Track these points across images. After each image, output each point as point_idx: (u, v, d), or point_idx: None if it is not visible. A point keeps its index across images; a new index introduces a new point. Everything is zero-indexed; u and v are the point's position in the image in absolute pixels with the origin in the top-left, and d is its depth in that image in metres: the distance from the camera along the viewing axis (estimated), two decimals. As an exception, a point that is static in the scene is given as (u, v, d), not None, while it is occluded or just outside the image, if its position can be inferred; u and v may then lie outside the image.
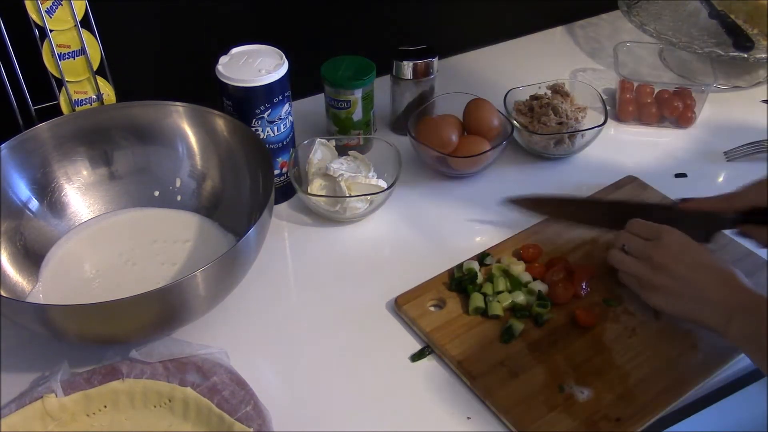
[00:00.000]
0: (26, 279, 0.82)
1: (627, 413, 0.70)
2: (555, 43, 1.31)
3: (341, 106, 0.99)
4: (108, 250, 0.86)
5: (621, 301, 0.81)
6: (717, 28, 1.17)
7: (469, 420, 0.72)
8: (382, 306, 0.83)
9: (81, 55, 0.89)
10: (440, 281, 0.83)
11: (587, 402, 0.71)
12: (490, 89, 1.06)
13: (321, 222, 0.94)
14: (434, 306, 0.82)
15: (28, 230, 0.84)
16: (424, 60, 1.01)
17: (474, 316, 0.80)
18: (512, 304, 0.80)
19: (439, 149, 0.96)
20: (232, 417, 0.69)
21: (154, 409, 0.71)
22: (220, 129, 0.88)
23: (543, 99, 1.05)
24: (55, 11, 0.85)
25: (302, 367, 0.77)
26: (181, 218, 0.90)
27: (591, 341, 0.77)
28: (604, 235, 0.89)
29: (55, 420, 0.70)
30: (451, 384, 0.75)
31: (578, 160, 1.04)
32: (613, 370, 0.74)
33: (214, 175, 0.91)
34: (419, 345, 0.78)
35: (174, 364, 0.73)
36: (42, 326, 0.72)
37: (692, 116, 1.09)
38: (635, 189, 0.96)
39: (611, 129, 1.09)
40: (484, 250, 0.87)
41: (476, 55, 1.27)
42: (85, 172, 0.89)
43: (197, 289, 0.71)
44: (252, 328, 0.81)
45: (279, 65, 0.87)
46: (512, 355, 0.76)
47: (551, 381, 0.73)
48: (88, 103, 0.93)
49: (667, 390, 0.73)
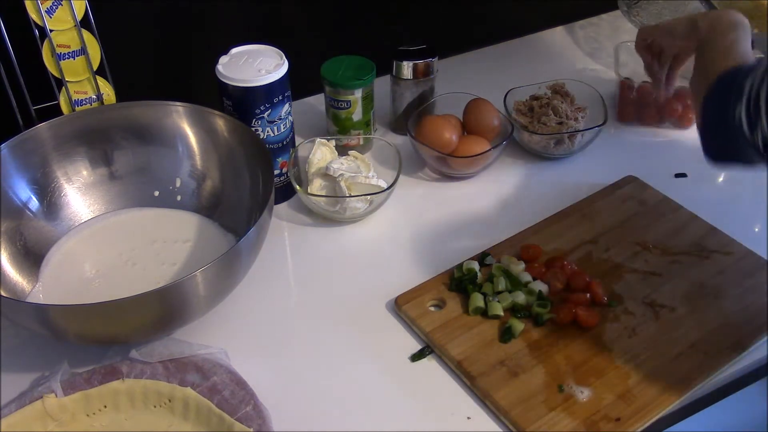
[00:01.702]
0: (26, 279, 0.82)
1: (627, 413, 0.70)
2: (555, 43, 1.31)
3: (341, 106, 0.99)
4: (108, 250, 0.86)
5: (621, 301, 0.81)
6: (717, 28, 1.17)
7: (469, 420, 0.72)
8: (382, 306, 0.83)
9: (81, 55, 0.89)
10: (440, 281, 0.83)
11: (587, 402, 0.72)
12: (490, 89, 1.06)
13: (321, 222, 0.94)
14: (434, 306, 0.82)
15: (28, 230, 0.84)
16: (424, 60, 1.01)
17: (474, 316, 0.80)
18: (512, 304, 0.80)
19: (439, 149, 0.96)
20: (232, 417, 0.69)
21: (154, 409, 0.71)
22: (220, 129, 0.88)
23: (543, 99, 1.05)
24: (55, 11, 0.85)
25: (302, 367, 0.77)
26: (181, 218, 0.90)
27: (591, 341, 0.77)
28: (604, 235, 0.89)
29: (55, 420, 0.70)
30: (451, 384, 0.75)
31: (578, 160, 1.04)
32: (612, 370, 0.74)
33: (214, 175, 0.91)
34: (419, 345, 0.78)
35: (174, 364, 0.73)
36: (42, 326, 0.72)
37: (692, 117, 1.09)
38: (635, 189, 0.96)
39: (611, 129, 1.09)
40: (484, 250, 0.87)
41: (476, 55, 1.27)
42: (85, 172, 0.89)
43: (197, 289, 0.71)
44: (252, 328, 0.81)
45: (279, 65, 0.87)
46: (512, 355, 0.76)
47: (551, 381, 0.73)
48: (88, 103, 0.93)
49: (666, 390, 0.73)
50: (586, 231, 0.90)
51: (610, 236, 0.89)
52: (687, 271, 0.85)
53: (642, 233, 0.89)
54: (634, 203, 0.94)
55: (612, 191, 0.96)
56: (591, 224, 0.91)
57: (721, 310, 0.80)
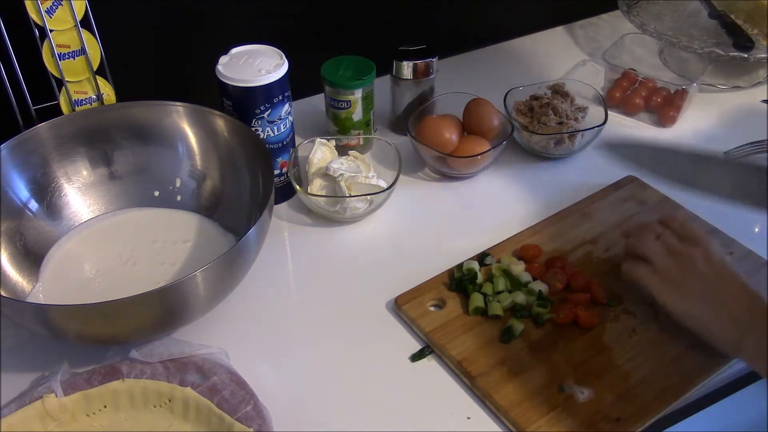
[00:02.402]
0: (26, 279, 0.82)
1: (627, 413, 0.70)
2: (555, 43, 1.31)
3: (341, 106, 0.99)
4: (108, 250, 0.86)
5: (621, 301, 0.81)
6: (717, 28, 1.17)
7: (469, 420, 0.72)
8: (383, 306, 0.83)
9: (81, 55, 0.89)
10: (440, 281, 0.83)
11: (587, 402, 0.71)
12: (490, 89, 1.06)
13: (321, 222, 0.94)
14: (434, 306, 0.82)
15: (28, 230, 0.84)
16: (424, 60, 1.01)
17: (474, 316, 0.80)
18: (512, 304, 0.80)
19: (439, 149, 0.96)
20: (232, 417, 0.69)
21: (154, 409, 0.71)
22: (220, 129, 0.88)
23: (543, 99, 1.05)
24: (55, 11, 0.85)
25: (302, 367, 0.77)
26: (181, 218, 0.90)
27: (591, 341, 0.77)
28: (604, 235, 0.89)
29: (55, 420, 0.70)
30: (451, 384, 0.75)
31: (578, 160, 1.04)
32: (613, 370, 0.74)
33: (214, 175, 0.91)
34: (419, 345, 0.78)
35: (174, 364, 0.73)
36: (42, 326, 0.72)
37: (674, 115, 1.09)
38: (635, 189, 0.96)
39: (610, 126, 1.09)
40: (484, 250, 0.87)
41: (476, 55, 1.27)
42: (85, 172, 0.89)
43: (197, 289, 0.71)
44: (252, 328, 0.81)
45: (279, 65, 0.87)
46: (512, 355, 0.76)
47: (551, 381, 0.73)
48: (88, 103, 0.93)
49: (667, 390, 0.73)
50: (587, 231, 0.90)
51: (610, 236, 0.89)
52: (687, 272, 0.85)
53: (642, 233, 0.90)
54: (634, 203, 0.94)
55: (612, 191, 0.96)
56: (591, 224, 0.91)
57: (721, 310, 0.80)
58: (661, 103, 1.11)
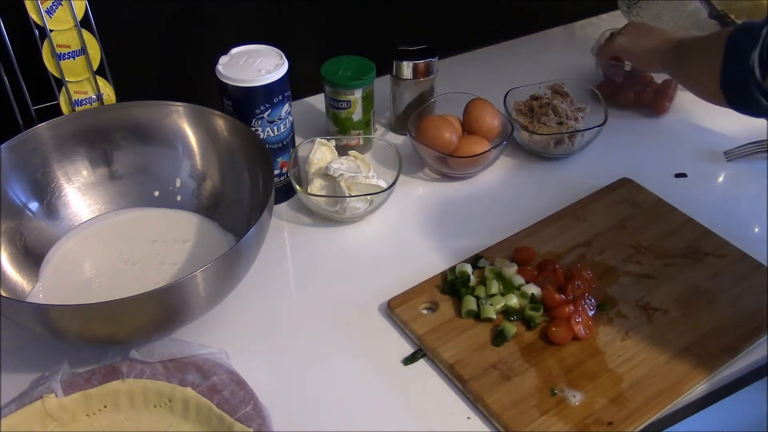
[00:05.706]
0: (26, 279, 0.82)
1: (619, 417, 0.70)
2: (555, 43, 1.31)
3: (341, 106, 0.99)
4: (108, 250, 0.86)
5: (614, 304, 0.81)
6: (717, 28, 1.17)
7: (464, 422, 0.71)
8: (383, 306, 0.83)
9: (81, 55, 0.89)
10: (433, 284, 0.83)
11: (579, 406, 0.71)
12: (490, 89, 1.06)
13: (321, 222, 0.94)
14: (427, 309, 0.81)
15: (28, 230, 0.84)
16: (424, 60, 1.01)
17: (466, 319, 0.79)
18: (505, 307, 0.80)
19: (439, 149, 0.96)
20: (232, 417, 0.69)
21: (154, 409, 0.71)
22: (220, 129, 0.88)
23: (543, 99, 1.05)
24: (55, 11, 0.85)
25: (302, 367, 0.77)
26: (181, 218, 0.90)
27: (583, 345, 0.77)
28: (597, 237, 0.89)
29: (55, 420, 0.70)
30: (444, 387, 0.75)
31: (578, 160, 1.04)
32: (605, 373, 0.74)
33: (214, 175, 0.91)
34: (412, 348, 0.78)
35: (174, 364, 0.73)
36: (42, 326, 0.72)
37: (667, 105, 1.10)
38: (629, 191, 0.95)
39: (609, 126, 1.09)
40: (477, 253, 0.87)
41: (476, 55, 1.27)
42: (85, 172, 0.89)
43: (197, 289, 0.71)
44: (252, 328, 0.81)
45: (279, 65, 0.87)
46: (504, 358, 0.75)
47: (543, 384, 0.73)
48: (88, 103, 0.93)
49: (659, 394, 0.72)
50: (580, 233, 0.90)
51: (603, 239, 0.89)
52: (681, 274, 0.84)
53: (636, 236, 0.89)
54: (628, 205, 0.93)
55: (606, 193, 0.95)
56: (585, 227, 0.91)
57: (714, 313, 0.80)
58: (652, 94, 1.11)
